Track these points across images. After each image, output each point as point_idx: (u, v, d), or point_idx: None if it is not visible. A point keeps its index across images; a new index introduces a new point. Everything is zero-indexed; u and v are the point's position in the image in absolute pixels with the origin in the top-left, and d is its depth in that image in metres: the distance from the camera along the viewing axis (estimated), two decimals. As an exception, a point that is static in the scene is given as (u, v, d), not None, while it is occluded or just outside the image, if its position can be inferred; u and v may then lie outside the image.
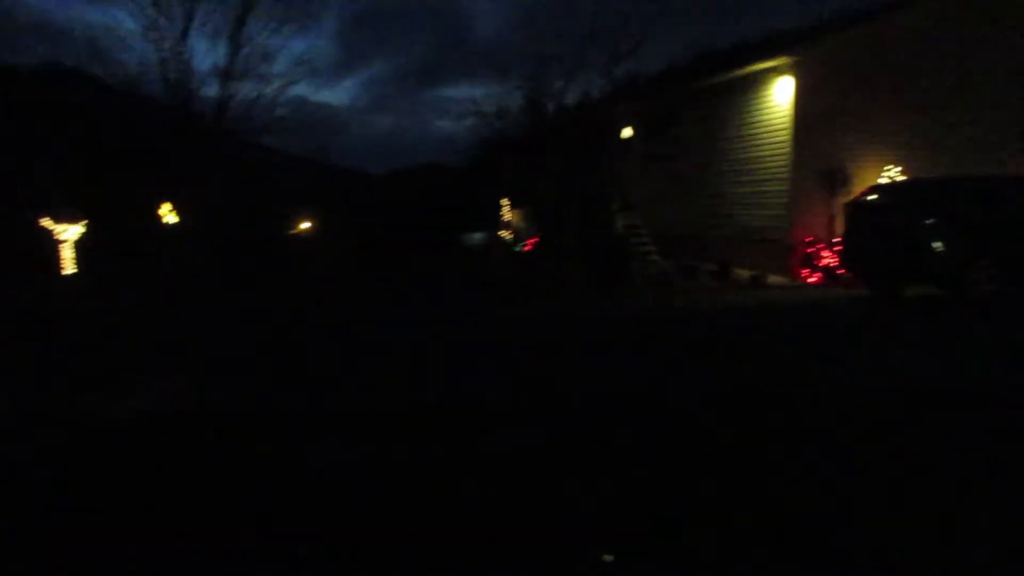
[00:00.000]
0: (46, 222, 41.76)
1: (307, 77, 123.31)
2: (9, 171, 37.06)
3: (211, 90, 35.12)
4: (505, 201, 50.34)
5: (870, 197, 15.86)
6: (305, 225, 72.90)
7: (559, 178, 26.48)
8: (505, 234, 50.55)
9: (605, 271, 21.01)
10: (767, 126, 20.85)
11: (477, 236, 64.05)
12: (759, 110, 21.31)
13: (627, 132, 27.63)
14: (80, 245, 44.04)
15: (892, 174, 19.01)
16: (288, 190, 65.15)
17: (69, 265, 43.49)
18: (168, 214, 41.49)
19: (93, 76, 35.90)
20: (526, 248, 41.87)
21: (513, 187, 43.72)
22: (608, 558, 3.96)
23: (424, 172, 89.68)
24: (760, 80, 21.06)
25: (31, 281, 34.75)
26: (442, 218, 70.32)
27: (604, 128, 27.05)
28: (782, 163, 20.01)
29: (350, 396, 8.03)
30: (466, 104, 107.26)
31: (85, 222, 43.65)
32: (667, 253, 24.98)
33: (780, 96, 20.10)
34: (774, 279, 19.54)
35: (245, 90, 34.79)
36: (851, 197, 17.54)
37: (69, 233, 43.26)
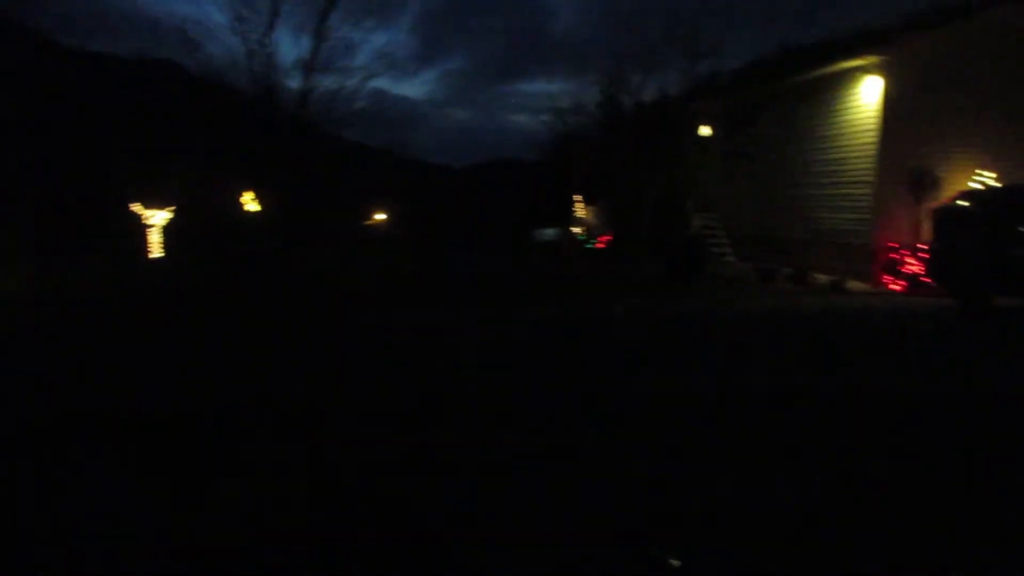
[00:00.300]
0: (136, 207, 43.60)
1: (387, 70, 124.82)
2: (103, 158, 38.75)
3: (294, 83, 35.97)
4: (578, 197, 50.23)
5: (960, 202, 15.28)
6: (380, 217, 74.19)
7: (634, 175, 26.26)
8: (578, 231, 50.45)
9: (679, 271, 20.75)
10: (852, 126, 20.24)
11: (549, 232, 64.07)
12: (844, 110, 20.71)
13: (705, 130, 27.21)
14: (167, 230, 45.83)
15: (984, 179, 18.22)
16: (365, 182, 66.39)
17: (156, 249, 45.31)
18: (250, 202, 42.81)
19: (183, 67, 37.17)
20: (598, 245, 41.68)
21: (587, 183, 43.62)
22: (675, 563, 3.92)
23: (499, 167, 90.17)
24: (846, 79, 20.45)
25: (121, 263, 36.38)
26: (515, 213, 70.59)
27: (682, 126, 26.69)
28: (867, 165, 19.41)
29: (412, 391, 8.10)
30: (542, 99, 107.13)
31: (172, 208, 45.43)
32: (743, 255, 24.56)
33: (867, 95, 19.48)
34: (854, 285, 18.98)
35: (327, 83, 35.55)
36: (939, 202, 16.93)
37: (157, 219, 45.05)
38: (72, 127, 36.39)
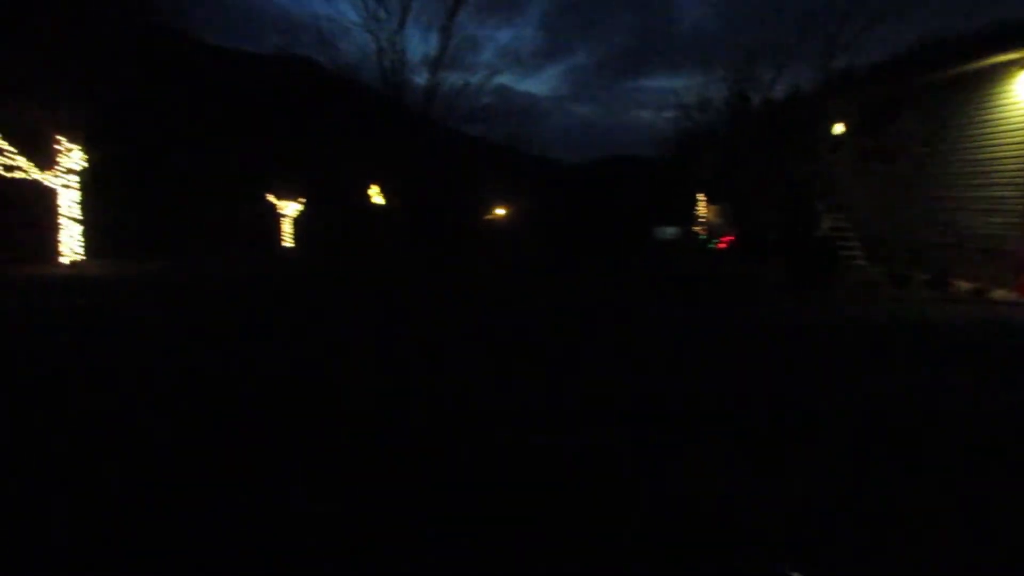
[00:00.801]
0: (271, 198, 45.84)
1: (511, 67, 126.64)
2: (241, 150, 40.87)
3: (420, 79, 36.86)
4: (701, 196, 49.29)
5: None
6: (500, 211, 75.04)
7: (761, 174, 25.51)
8: (699, 230, 49.54)
9: (806, 274, 20.00)
10: (1004, 125, 18.90)
11: (670, 230, 63.20)
12: (994, 107, 19.36)
13: (839, 128, 26.08)
14: (297, 221, 48.02)
15: None
16: (486, 177, 67.31)
17: (288, 238, 47.57)
18: (375, 195, 44.26)
19: (318, 64, 38.73)
20: (721, 246, 40.74)
21: (710, 182, 42.69)
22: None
23: (619, 163, 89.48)
24: (997, 74, 19.10)
25: (258, 250, 38.32)
26: (635, 210, 69.91)
27: (814, 123, 25.72)
28: (1020, 166, 18.12)
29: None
30: (666, 95, 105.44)
31: (303, 200, 47.53)
32: (876, 258, 23.41)
33: (1022, 92, 18.19)
34: (999, 294, 17.74)
35: (452, 79, 36.29)
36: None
37: (289, 209, 47.29)
38: (215, 121, 38.53)
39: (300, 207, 48.64)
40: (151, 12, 27.17)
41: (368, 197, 42.48)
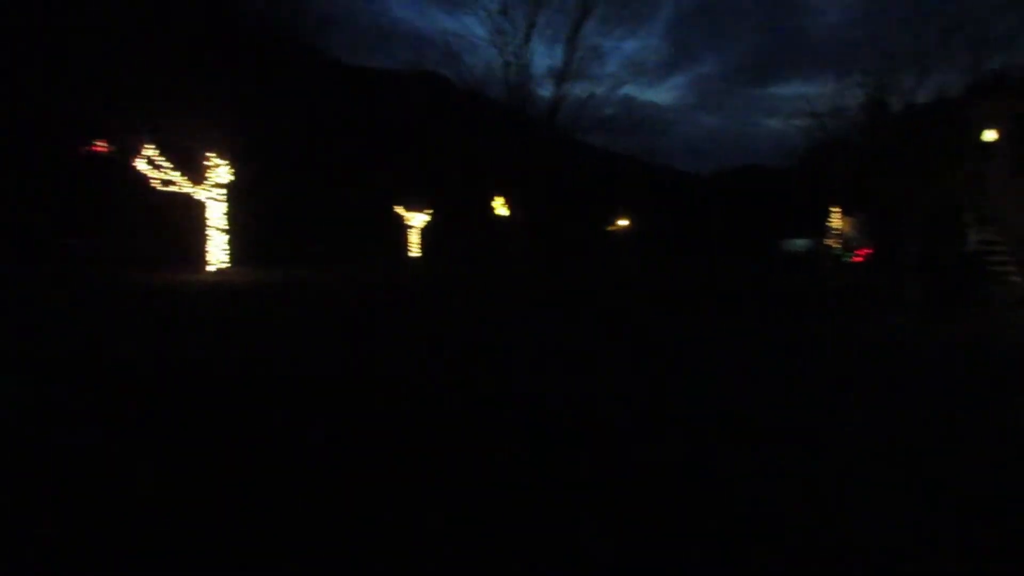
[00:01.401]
0: (399, 210, 47.28)
1: (636, 77, 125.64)
2: (373, 163, 42.37)
3: (545, 91, 37.03)
4: (835, 207, 47.20)
5: None
6: (623, 223, 74.47)
7: (902, 184, 24.03)
8: (832, 243, 47.46)
9: (951, 290, 18.70)
10: None
11: (800, 243, 60.91)
12: None
13: (990, 135, 24.29)
14: (424, 231, 49.29)
15: None
16: (609, 188, 67.00)
17: (415, 248, 48.89)
18: (500, 207, 44.82)
19: (445, 79, 39.61)
20: (856, 259, 38.84)
21: (845, 192, 40.73)
22: None
23: (747, 173, 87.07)
24: None
25: (387, 259, 39.53)
26: (763, 221, 67.77)
27: (961, 130, 24.04)
28: None
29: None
30: (798, 103, 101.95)
31: (430, 211, 48.75)
32: (1032, 275, 21.64)
33: None
34: None
35: (577, 91, 36.22)
36: None
37: (417, 220, 48.62)
38: (349, 136, 40.15)
39: (427, 218, 50.09)
40: (294, 36, 28.61)
41: (492, 209, 43.09)
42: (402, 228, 47.96)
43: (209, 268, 26.33)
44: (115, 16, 23.59)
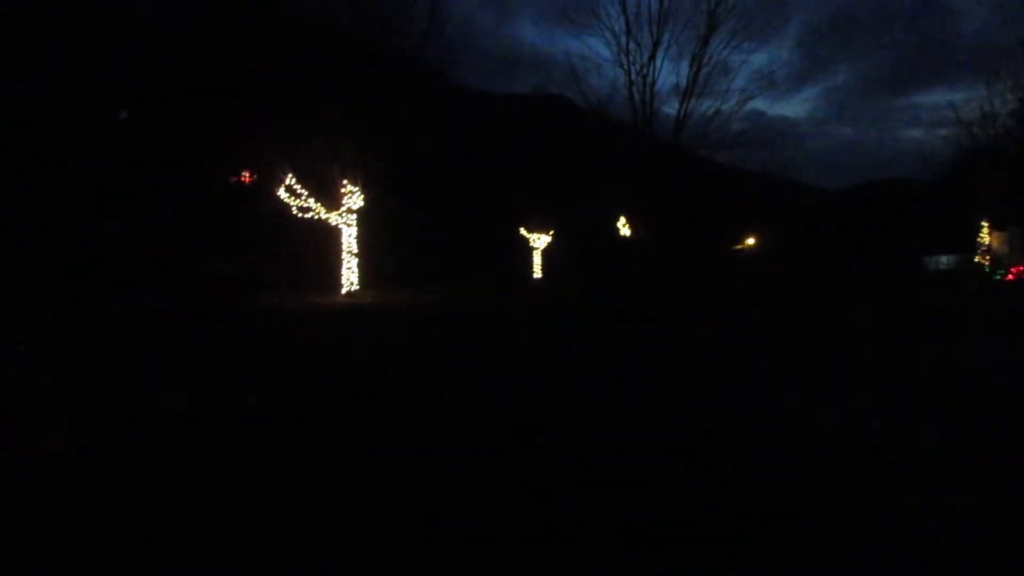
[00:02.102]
0: (523, 231, 47.85)
1: (765, 91, 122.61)
2: (498, 186, 43.11)
3: (670, 109, 36.69)
4: (984, 222, 44.32)
5: None
6: (751, 241, 72.50)
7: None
8: (982, 259, 44.51)
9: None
10: None
11: (944, 260, 57.29)
12: None
13: None
14: (545, 253, 49.64)
15: None
16: (737, 205, 65.45)
17: (537, 269, 49.31)
18: (623, 227, 44.56)
19: (570, 100, 39.91)
20: (1009, 277, 36.30)
21: (995, 205, 38.23)
22: None
23: (885, 187, 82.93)
24: None
25: (511, 280, 40.07)
26: (903, 238, 64.23)
27: None
28: None
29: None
30: (941, 112, 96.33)
31: (552, 232, 49.12)
32: None
33: None
34: None
35: (703, 107, 35.67)
36: None
37: (540, 242, 49.05)
38: (476, 160, 41.05)
39: (549, 239, 50.42)
40: (424, 63, 29.56)
41: (616, 229, 42.97)
42: (527, 250, 48.45)
43: (343, 291, 27.40)
44: (252, 52, 25.13)
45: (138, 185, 23.98)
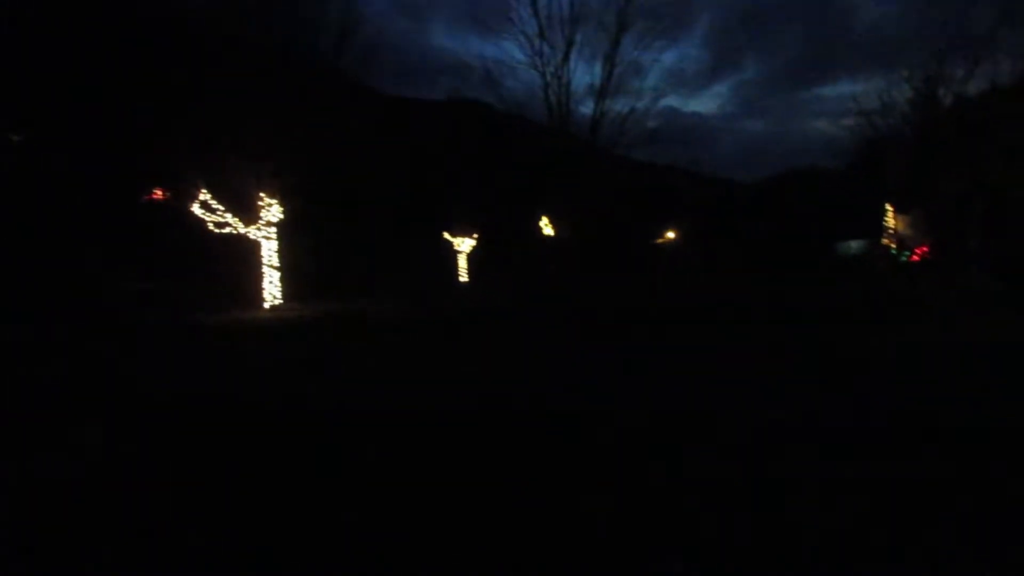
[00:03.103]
0: (447, 236, 47.67)
1: (677, 88, 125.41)
2: (419, 192, 42.87)
3: (586, 109, 37.24)
4: (888, 206, 46.19)
5: None
6: (670, 235, 73.89)
7: (958, 177, 23.46)
8: (888, 242, 46.36)
9: (1015, 285, 18.11)
10: None
11: (855, 245, 59.48)
12: None
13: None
14: (471, 256, 49.56)
15: None
16: (655, 201, 66.66)
17: (463, 273, 49.18)
18: (545, 227, 44.89)
19: (487, 104, 39.99)
20: (913, 258, 37.97)
21: (898, 190, 39.91)
22: None
23: (796, 177, 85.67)
24: None
25: (437, 286, 39.84)
26: (814, 226, 66.49)
27: (1017, 118, 23.41)
28: None
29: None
30: (844, 103, 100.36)
31: (476, 236, 49.07)
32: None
33: None
34: None
35: (617, 106, 36.27)
36: None
37: (464, 246, 48.93)
38: (395, 167, 40.65)
39: (473, 243, 50.28)
40: (337, 69, 29.13)
41: (539, 229, 43.24)
42: (452, 254, 48.31)
43: (264, 305, 26.73)
44: (162, 63, 24.29)
45: (36, 207, 23.06)
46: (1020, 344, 11.49)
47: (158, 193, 29.14)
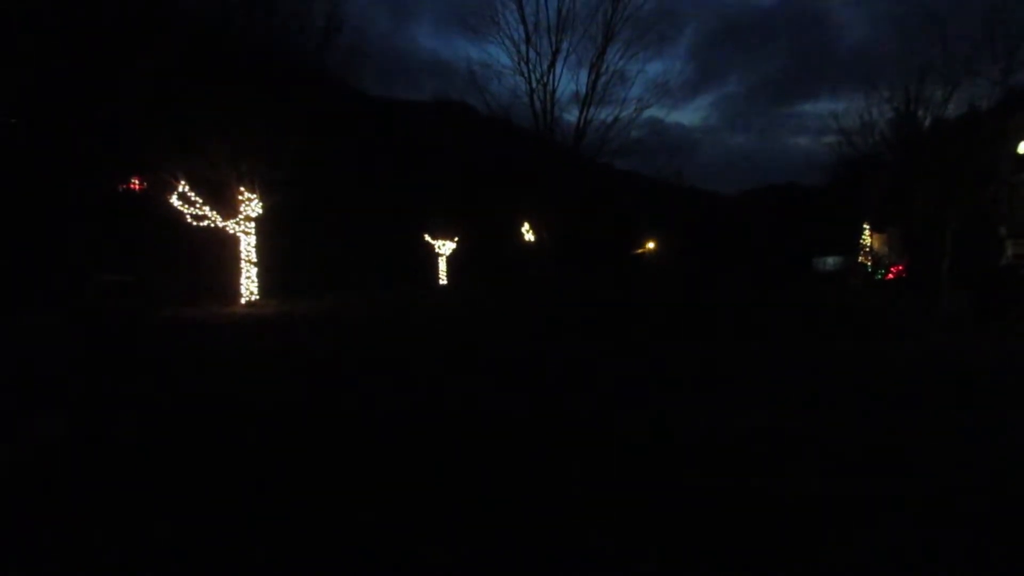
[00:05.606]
0: (427, 238, 47.55)
1: (661, 99, 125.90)
2: (401, 193, 42.73)
3: (571, 116, 37.41)
4: (865, 224, 46.70)
5: None
6: (650, 245, 74.18)
7: (933, 199, 23.68)
8: (864, 260, 46.88)
9: (987, 305, 18.29)
10: None
11: (831, 261, 60.20)
12: None
13: (1024, 147, 23.92)
14: (451, 258, 49.48)
15: None
16: (636, 211, 66.92)
17: (443, 275, 49.09)
18: (526, 232, 44.93)
19: (472, 107, 40.02)
20: (888, 276, 38.35)
21: (876, 209, 40.33)
22: None
23: (775, 192, 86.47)
24: None
25: (416, 287, 39.68)
26: (792, 241, 67.14)
27: (994, 142, 23.69)
28: None
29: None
30: (825, 120, 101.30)
31: (457, 238, 49.02)
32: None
33: None
34: None
35: (602, 115, 36.41)
36: None
37: (444, 248, 48.83)
38: (377, 167, 40.53)
39: (454, 245, 50.12)
40: (323, 69, 28.92)
41: (520, 234, 43.26)
42: (432, 256, 48.20)
43: (242, 301, 26.49)
44: (146, 55, 23.93)
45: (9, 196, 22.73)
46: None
47: (135, 183, 28.81)
